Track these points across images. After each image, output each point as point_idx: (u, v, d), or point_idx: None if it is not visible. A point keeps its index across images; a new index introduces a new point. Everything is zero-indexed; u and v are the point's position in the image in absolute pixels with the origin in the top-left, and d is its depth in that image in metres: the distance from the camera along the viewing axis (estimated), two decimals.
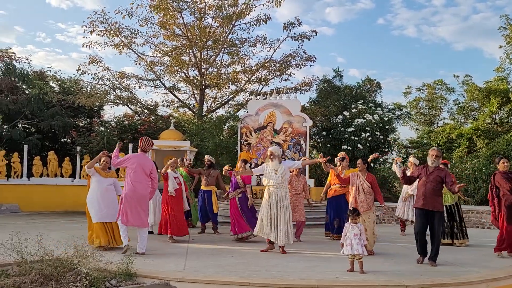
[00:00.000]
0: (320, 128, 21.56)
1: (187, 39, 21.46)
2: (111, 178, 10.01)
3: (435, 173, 8.58)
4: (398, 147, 27.80)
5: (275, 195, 9.40)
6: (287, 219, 9.37)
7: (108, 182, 9.91)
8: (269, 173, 9.52)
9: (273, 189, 9.45)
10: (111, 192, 9.93)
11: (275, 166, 9.51)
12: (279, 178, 9.42)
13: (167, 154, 18.10)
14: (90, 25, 20.80)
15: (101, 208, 9.65)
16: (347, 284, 6.87)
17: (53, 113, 22.14)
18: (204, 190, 12.61)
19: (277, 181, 9.42)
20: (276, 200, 9.37)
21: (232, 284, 6.79)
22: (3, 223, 14.34)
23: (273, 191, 9.45)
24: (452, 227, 10.83)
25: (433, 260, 8.42)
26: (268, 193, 9.51)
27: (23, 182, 18.71)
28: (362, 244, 7.74)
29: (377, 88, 24.82)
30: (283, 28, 21.78)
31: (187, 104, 24.90)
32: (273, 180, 9.45)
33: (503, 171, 9.57)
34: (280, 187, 9.45)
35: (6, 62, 22.70)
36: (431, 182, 8.52)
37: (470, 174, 16.83)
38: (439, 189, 8.55)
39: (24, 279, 6.64)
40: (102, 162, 9.97)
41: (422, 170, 8.80)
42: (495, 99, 25.39)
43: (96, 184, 9.78)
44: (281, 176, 9.43)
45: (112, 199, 9.89)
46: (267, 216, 9.38)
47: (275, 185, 9.42)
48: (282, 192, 9.46)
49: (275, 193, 9.42)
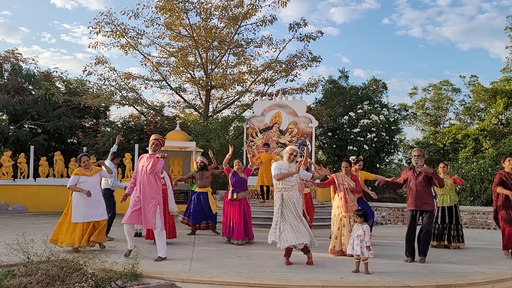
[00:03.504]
0: (325, 129, 21.55)
1: (193, 40, 21.49)
2: (96, 174, 9.90)
3: (422, 173, 8.72)
4: (404, 148, 27.74)
5: (288, 199, 8.41)
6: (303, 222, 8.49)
7: (95, 179, 9.83)
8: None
9: (286, 193, 8.43)
10: (97, 191, 9.83)
11: (291, 167, 8.57)
12: (294, 180, 8.51)
13: (173, 154, 18.14)
14: (96, 26, 20.90)
15: (84, 209, 9.54)
16: (352, 285, 6.87)
17: (59, 114, 22.25)
18: (200, 192, 12.29)
19: (291, 183, 8.48)
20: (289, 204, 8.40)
21: (238, 285, 6.79)
22: (10, 223, 14.41)
23: (286, 194, 8.44)
24: (449, 229, 10.66)
25: (424, 256, 8.55)
26: (281, 197, 8.48)
27: (30, 183, 18.76)
28: (364, 246, 7.70)
29: (382, 88, 24.82)
30: (289, 28, 21.85)
31: (193, 104, 24.94)
32: (287, 181, 8.46)
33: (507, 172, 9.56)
34: (293, 190, 8.49)
35: (13, 63, 22.83)
36: (420, 183, 8.69)
37: (476, 175, 16.77)
38: (429, 188, 8.72)
39: (30, 279, 6.67)
40: (83, 163, 9.84)
41: (410, 172, 8.93)
42: (502, 100, 25.30)
43: (83, 184, 9.64)
44: (295, 178, 8.53)
45: (97, 198, 9.78)
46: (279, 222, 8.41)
47: (289, 188, 8.45)
48: (295, 194, 8.51)
49: (288, 196, 8.41)
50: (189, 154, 17.75)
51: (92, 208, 9.64)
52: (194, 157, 16.93)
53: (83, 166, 9.83)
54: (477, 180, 16.59)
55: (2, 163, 18.62)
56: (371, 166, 19.73)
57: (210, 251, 9.81)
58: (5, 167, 18.58)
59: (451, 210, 10.71)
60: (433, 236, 10.51)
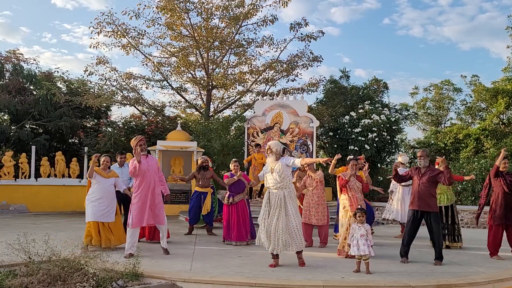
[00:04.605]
0: (327, 129, 21.53)
1: (194, 39, 21.50)
2: (112, 178, 9.98)
3: (427, 174, 8.72)
4: (405, 148, 27.71)
5: (272, 198, 8.29)
6: (288, 224, 8.14)
7: (110, 182, 9.90)
8: (267, 173, 8.49)
9: (273, 191, 8.30)
10: (112, 193, 9.90)
11: (272, 163, 8.38)
12: (276, 177, 8.21)
13: (174, 154, 18.15)
14: (97, 26, 20.89)
15: (99, 208, 9.63)
16: (353, 284, 6.88)
17: (60, 114, 22.26)
18: (200, 192, 12.17)
19: (275, 181, 8.23)
20: (271, 204, 8.27)
21: (239, 285, 6.81)
22: (11, 223, 14.43)
23: (272, 193, 8.33)
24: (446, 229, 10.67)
25: (439, 260, 8.48)
26: (268, 197, 8.37)
27: (31, 183, 18.78)
28: (369, 245, 7.78)
29: (384, 88, 24.79)
30: (290, 28, 21.84)
31: (194, 104, 24.95)
32: (271, 179, 8.33)
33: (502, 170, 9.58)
34: (280, 187, 8.23)
35: (14, 63, 22.85)
36: (424, 183, 8.67)
37: (478, 174, 16.72)
38: (433, 190, 8.66)
39: (31, 279, 6.68)
40: (103, 162, 9.96)
41: (415, 171, 8.93)
42: (503, 99, 25.27)
43: (98, 185, 9.75)
44: (278, 175, 8.20)
45: (111, 199, 9.87)
46: (263, 223, 8.34)
47: (274, 186, 8.26)
48: (282, 193, 8.21)
49: (274, 194, 8.28)
50: (190, 154, 17.75)
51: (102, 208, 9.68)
52: (195, 157, 16.99)
53: (102, 166, 9.92)
54: (478, 179, 16.55)
55: (3, 163, 18.65)
56: (373, 166, 19.69)
57: (211, 250, 9.82)
58: (6, 167, 18.60)
59: (447, 210, 10.67)
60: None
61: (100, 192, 9.70)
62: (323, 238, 10.57)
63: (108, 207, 9.74)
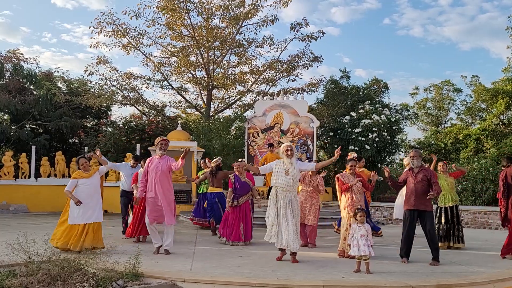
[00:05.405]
0: (327, 129, 21.52)
1: (194, 39, 21.51)
2: (95, 174, 9.76)
3: (421, 173, 8.75)
4: (406, 148, 27.69)
5: (284, 200, 8.42)
6: (297, 225, 8.49)
7: (92, 180, 9.66)
8: (279, 173, 8.54)
9: (282, 192, 8.46)
10: (96, 191, 9.71)
11: (287, 165, 8.51)
12: (290, 180, 8.43)
13: (174, 154, 18.11)
14: (97, 25, 20.92)
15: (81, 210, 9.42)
16: (353, 284, 6.87)
17: (60, 114, 22.27)
18: (215, 192, 12.26)
19: (287, 183, 8.43)
20: (285, 205, 8.41)
21: (239, 285, 6.79)
22: (11, 223, 14.43)
23: (281, 194, 8.47)
24: (448, 229, 10.58)
25: (437, 260, 8.47)
26: (275, 196, 8.53)
27: (31, 183, 18.79)
28: (369, 245, 7.77)
29: (384, 88, 24.79)
30: (290, 28, 21.88)
31: (194, 104, 24.95)
32: (283, 181, 8.45)
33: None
34: (290, 190, 8.46)
35: (14, 63, 22.85)
36: (419, 183, 8.68)
37: (478, 174, 16.71)
38: (427, 189, 8.64)
39: (31, 279, 6.68)
40: (81, 164, 9.70)
41: (409, 172, 8.96)
42: (503, 100, 25.25)
43: (82, 186, 9.53)
44: (292, 178, 8.44)
45: (96, 200, 9.67)
46: (275, 223, 8.47)
47: (285, 188, 8.42)
48: (290, 195, 8.46)
49: (284, 196, 8.43)
50: (190, 154, 17.72)
51: (88, 210, 9.49)
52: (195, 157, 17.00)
53: (82, 168, 9.71)
54: (479, 180, 16.52)
55: (3, 163, 18.66)
56: (373, 166, 19.68)
57: (211, 250, 9.81)
58: (6, 167, 18.61)
59: (452, 210, 10.66)
60: (439, 237, 10.41)
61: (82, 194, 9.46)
62: (312, 239, 10.58)
63: (91, 209, 9.52)
